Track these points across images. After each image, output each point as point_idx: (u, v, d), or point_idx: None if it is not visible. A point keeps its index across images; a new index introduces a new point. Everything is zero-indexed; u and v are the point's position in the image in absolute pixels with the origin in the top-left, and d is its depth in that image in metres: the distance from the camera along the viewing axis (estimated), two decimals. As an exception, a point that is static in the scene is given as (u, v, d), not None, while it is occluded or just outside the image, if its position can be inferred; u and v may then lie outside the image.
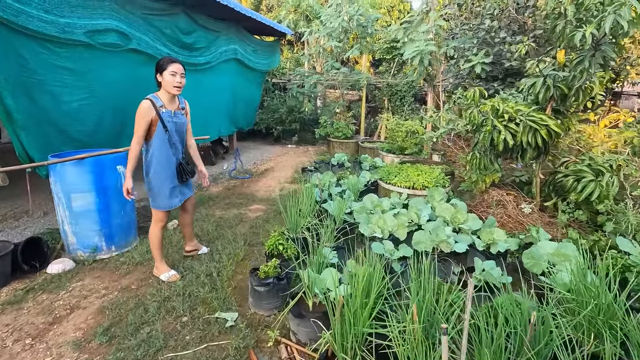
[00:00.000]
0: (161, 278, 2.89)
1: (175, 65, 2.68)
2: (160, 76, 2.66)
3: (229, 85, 6.63)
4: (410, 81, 8.93)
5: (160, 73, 2.66)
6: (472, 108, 3.88)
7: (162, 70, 2.65)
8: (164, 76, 2.65)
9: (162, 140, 2.70)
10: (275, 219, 4.35)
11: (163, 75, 2.65)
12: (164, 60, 2.68)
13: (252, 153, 8.50)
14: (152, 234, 2.87)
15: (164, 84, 2.68)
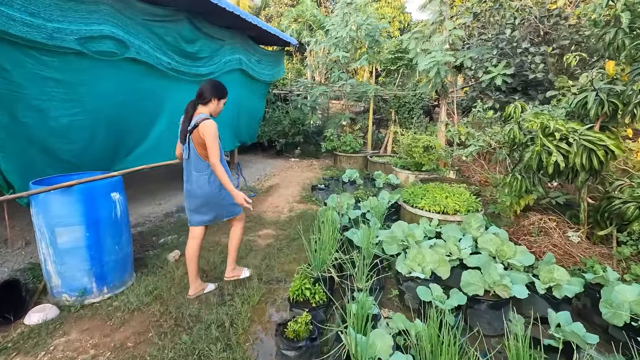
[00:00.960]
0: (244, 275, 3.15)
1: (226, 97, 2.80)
2: (217, 101, 2.68)
3: (232, 97, 6.16)
4: (419, 93, 8.59)
5: (218, 98, 2.68)
6: (511, 124, 3.48)
7: (222, 97, 2.72)
8: (219, 103, 2.71)
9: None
10: (290, 248, 3.87)
11: (219, 102, 2.71)
12: (225, 89, 2.75)
13: (255, 168, 8.04)
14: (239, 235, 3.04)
15: (215, 109, 2.71)
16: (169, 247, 3.80)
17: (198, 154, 2.58)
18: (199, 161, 2.60)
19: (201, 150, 2.56)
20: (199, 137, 2.51)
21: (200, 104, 2.63)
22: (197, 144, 2.55)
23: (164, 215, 4.83)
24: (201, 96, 2.62)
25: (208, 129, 2.47)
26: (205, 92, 2.61)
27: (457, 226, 3.57)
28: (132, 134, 4.31)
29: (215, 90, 2.64)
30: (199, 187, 2.64)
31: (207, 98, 2.62)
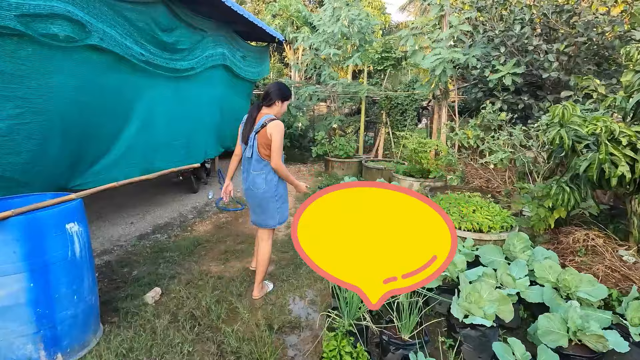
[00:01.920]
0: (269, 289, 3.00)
1: (291, 98, 2.83)
2: (281, 103, 2.67)
3: (216, 97, 5.45)
4: (412, 94, 8.15)
5: (282, 100, 2.67)
6: (554, 128, 3.00)
7: (286, 98, 2.69)
8: (283, 105, 2.70)
9: None
10: (297, 276, 3.21)
11: (283, 104, 2.70)
12: (289, 91, 2.73)
13: (238, 175, 7.27)
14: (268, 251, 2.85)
15: (279, 111, 2.69)
16: (146, 282, 3.03)
17: (259, 153, 2.59)
18: (258, 161, 2.62)
19: (263, 151, 2.57)
20: (266, 137, 2.52)
21: (265, 105, 2.65)
22: (261, 144, 2.56)
23: (138, 237, 4.02)
24: (266, 98, 2.64)
25: (277, 128, 2.51)
26: (271, 93, 2.63)
27: (496, 247, 3.04)
28: (97, 140, 3.50)
29: (280, 92, 2.65)
30: (254, 186, 2.69)
31: (272, 100, 2.62)
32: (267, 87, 2.67)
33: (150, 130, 4.09)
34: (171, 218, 4.67)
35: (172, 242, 3.93)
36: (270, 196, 2.68)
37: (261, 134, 2.54)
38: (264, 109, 2.65)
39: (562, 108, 2.88)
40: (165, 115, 4.32)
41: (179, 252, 3.67)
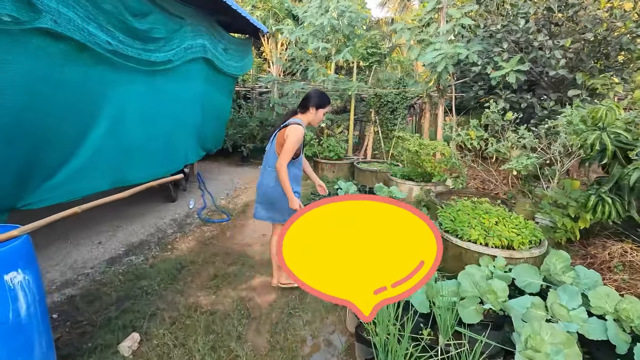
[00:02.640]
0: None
1: (329, 107, 2.71)
2: (315, 110, 2.63)
3: (196, 94, 4.83)
4: (402, 91, 7.80)
5: (316, 107, 2.63)
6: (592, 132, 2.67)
7: (320, 106, 2.64)
8: (318, 112, 2.65)
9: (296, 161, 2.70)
10: (306, 309, 2.73)
11: (318, 111, 2.64)
12: (327, 97, 2.67)
13: (219, 179, 6.67)
14: None
15: (312, 118, 2.66)
16: (120, 325, 2.46)
17: (275, 151, 2.62)
18: (273, 158, 2.63)
19: (278, 150, 2.58)
20: (283, 137, 2.55)
21: (300, 111, 2.68)
22: (278, 143, 2.60)
23: (108, 261, 3.39)
24: (302, 103, 2.67)
25: (294, 131, 2.51)
26: (308, 99, 2.64)
27: (532, 267, 2.69)
28: (54, 147, 2.86)
29: (317, 99, 2.63)
30: (266, 182, 2.71)
31: (307, 106, 2.63)
32: (307, 93, 2.70)
33: (121, 132, 3.47)
34: (147, 234, 4.04)
35: (149, 266, 3.34)
36: (279, 193, 2.64)
37: (280, 133, 2.59)
38: (298, 114, 2.68)
39: (605, 110, 2.55)
40: (139, 114, 3.70)
41: (159, 278, 3.09)
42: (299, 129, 2.54)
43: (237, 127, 8.06)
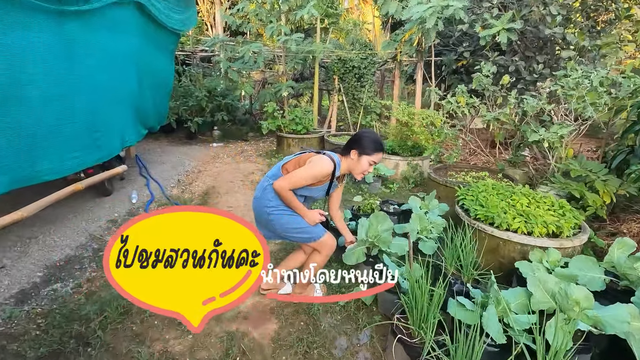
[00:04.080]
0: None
1: (379, 156, 2.07)
2: (357, 155, 2.04)
3: (129, 51, 3.61)
4: (370, 55, 7.07)
5: (360, 152, 2.03)
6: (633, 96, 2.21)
7: (365, 152, 2.03)
8: (361, 159, 2.04)
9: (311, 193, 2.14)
10: (326, 341, 2.01)
11: (361, 158, 2.04)
12: (376, 144, 2.04)
13: (166, 162, 5.50)
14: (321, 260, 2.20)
15: (356, 166, 2.07)
16: None
17: (282, 171, 2.09)
18: (275, 170, 2.13)
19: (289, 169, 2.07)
20: (304, 160, 2.05)
21: (341, 152, 2.12)
22: (294, 162, 2.09)
23: (17, 297, 2.32)
24: (347, 144, 2.11)
25: (319, 162, 2.01)
26: (352, 140, 2.09)
27: (589, 259, 2.24)
28: None
29: (362, 141, 2.04)
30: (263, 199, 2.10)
31: (349, 147, 2.07)
32: (357, 133, 2.15)
33: (16, 108, 2.30)
34: (77, 246, 2.96)
35: (85, 297, 2.35)
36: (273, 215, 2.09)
37: (308, 155, 2.10)
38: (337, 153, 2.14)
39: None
40: (46, 79, 2.52)
41: (103, 316, 2.14)
42: (327, 164, 2.01)
43: (180, 98, 6.76)
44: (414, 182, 4.62)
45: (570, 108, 3.34)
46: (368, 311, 2.28)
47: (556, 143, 3.03)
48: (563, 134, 2.98)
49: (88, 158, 3.00)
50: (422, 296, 1.74)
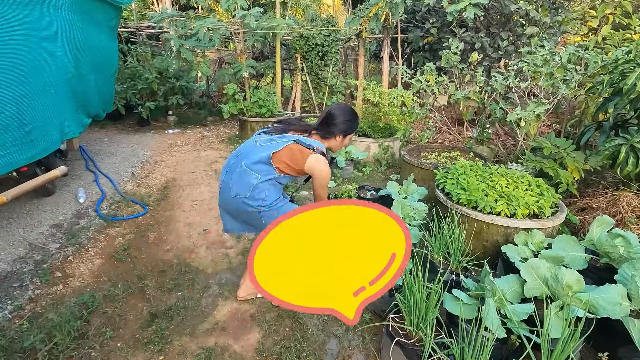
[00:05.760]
0: None
1: None
2: (341, 138, 1.98)
3: (60, 28, 3.07)
4: (334, 32, 6.78)
5: (346, 134, 1.98)
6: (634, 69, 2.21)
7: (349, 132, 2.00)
8: (346, 139, 2.01)
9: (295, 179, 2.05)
10: (314, 346, 1.85)
11: (346, 138, 2.01)
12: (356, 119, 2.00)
13: (117, 153, 4.97)
14: None
15: (339, 145, 2.02)
16: None
17: (273, 156, 1.79)
18: (264, 160, 1.79)
19: (281, 159, 1.80)
20: (302, 161, 1.79)
21: (320, 135, 1.95)
22: (290, 156, 1.80)
23: (-61, 329, 1.92)
24: (326, 124, 1.94)
25: (323, 169, 1.81)
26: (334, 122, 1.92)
27: (570, 238, 2.26)
28: None
29: (346, 124, 1.94)
30: (240, 188, 1.81)
31: (333, 132, 1.95)
32: (329, 112, 1.96)
33: None
34: (13, 260, 2.53)
35: (27, 321, 1.99)
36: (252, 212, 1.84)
37: (300, 150, 1.81)
38: (315, 135, 1.96)
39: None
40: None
41: (52, 344, 1.83)
42: (326, 168, 1.83)
43: (127, 81, 6.11)
44: (386, 164, 4.53)
45: (540, 85, 3.35)
46: (356, 308, 2.14)
47: (533, 122, 3.02)
48: (540, 113, 2.98)
49: (19, 156, 2.53)
50: (419, 295, 1.62)
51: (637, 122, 2.59)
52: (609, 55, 3.10)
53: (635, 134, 2.35)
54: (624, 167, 2.40)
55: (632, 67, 2.25)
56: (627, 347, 1.68)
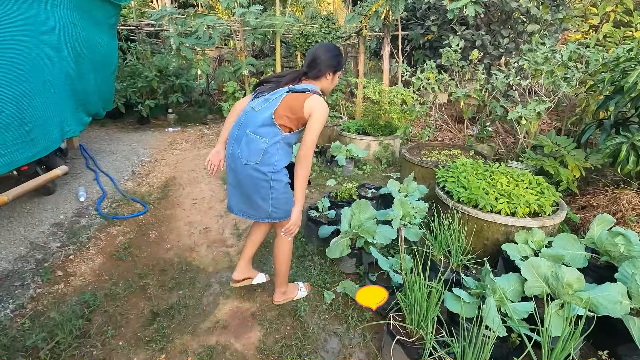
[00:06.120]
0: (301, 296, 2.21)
1: None
2: (332, 75, 1.90)
3: (60, 27, 3.06)
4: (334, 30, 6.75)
5: (334, 72, 1.90)
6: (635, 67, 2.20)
7: (338, 69, 1.92)
8: (335, 77, 1.94)
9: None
10: (316, 344, 1.86)
11: (335, 76, 1.93)
12: (340, 55, 1.93)
13: (117, 152, 4.97)
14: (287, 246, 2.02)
15: (330, 86, 1.94)
16: None
17: (275, 114, 1.74)
18: (268, 122, 1.74)
19: (282, 115, 1.74)
20: (300, 107, 1.74)
21: (310, 77, 1.86)
22: (289, 107, 1.74)
23: (-58, 328, 1.92)
24: (312, 66, 1.85)
25: (322, 109, 1.75)
26: (320, 62, 1.83)
27: (570, 236, 2.26)
28: None
29: (333, 60, 1.86)
30: (248, 154, 1.75)
31: (322, 71, 1.85)
32: (313, 52, 1.89)
33: None
34: (15, 259, 2.54)
35: (29, 319, 2.00)
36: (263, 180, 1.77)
37: (296, 97, 1.76)
38: (307, 79, 1.88)
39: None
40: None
41: (54, 343, 1.84)
42: (327, 108, 1.80)
43: (127, 79, 6.09)
44: (387, 162, 4.53)
45: (541, 83, 3.34)
46: (357, 307, 2.15)
47: (533, 120, 3.02)
48: (540, 111, 2.98)
49: (19, 155, 2.53)
50: (420, 294, 1.63)
51: (638, 121, 2.59)
52: (610, 53, 3.09)
53: (636, 132, 2.35)
54: (625, 166, 2.40)
55: (633, 65, 2.24)
56: (627, 345, 1.69)
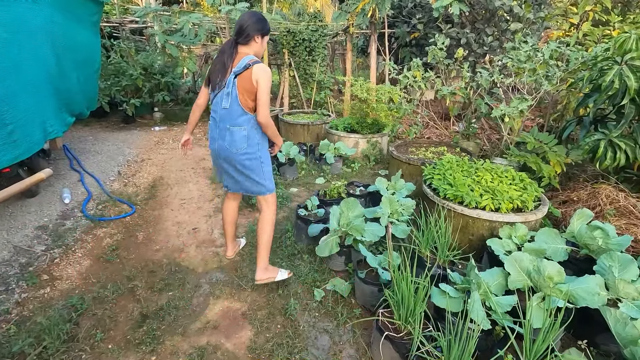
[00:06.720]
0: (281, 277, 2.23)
1: None
2: (261, 38, 2.05)
3: (41, 25, 2.99)
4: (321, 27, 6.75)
5: (262, 35, 2.05)
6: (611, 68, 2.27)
7: (267, 32, 2.07)
8: (264, 41, 2.08)
9: None
10: (307, 342, 1.88)
11: (264, 40, 2.08)
12: (268, 22, 2.07)
13: (102, 152, 4.88)
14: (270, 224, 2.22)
15: (259, 49, 2.07)
16: None
17: (241, 103, 1.98)
18: (240, 113, 2.00)
19: (245, 101, 1.98)
20: (250, 82, 1.94)
21: (241, 43, 2.02)
22: (244, 90, 1.96)
23: None
24: (241, 33, 2.00)
25: (265, 74, 1.95)
26: (247, 27, 1.98)
27: (552, 230, 2.34)
28: None
29: (258, 25, 2.01)
30: (232, 146, 2.05)
31: (250, 35, 1.99)
32: (240, 20, 2.02)
33: None
34: (-2, 263, 2.49)
35: (15, 325, 1.97)
36: (254, 159, 2.10)
37: (243, 78, 1.95)
38: (241, 48, 2.03)
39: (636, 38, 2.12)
40: None
41: (41, 348, 1.81)
42: (268, 69, 1.99)
43: (111, 77, 5.98)
44: (375, 159, 4.57)
45: (523, 81, 3.42)
46: (346, 304, 2.19)
47: (516, 117, 3.10)
48: (523, 109, 3.05)
49: (1, 158, 2.47)
50: (407, 290, 1.67)
51: (615, 118, 2.68)
52: (589, 52, 3.18)
53: (613, 129, 2.44)
54: (603, 161, 2.49)
55: (610, 64, 2.32)
56: (604, 335, 1.76)
